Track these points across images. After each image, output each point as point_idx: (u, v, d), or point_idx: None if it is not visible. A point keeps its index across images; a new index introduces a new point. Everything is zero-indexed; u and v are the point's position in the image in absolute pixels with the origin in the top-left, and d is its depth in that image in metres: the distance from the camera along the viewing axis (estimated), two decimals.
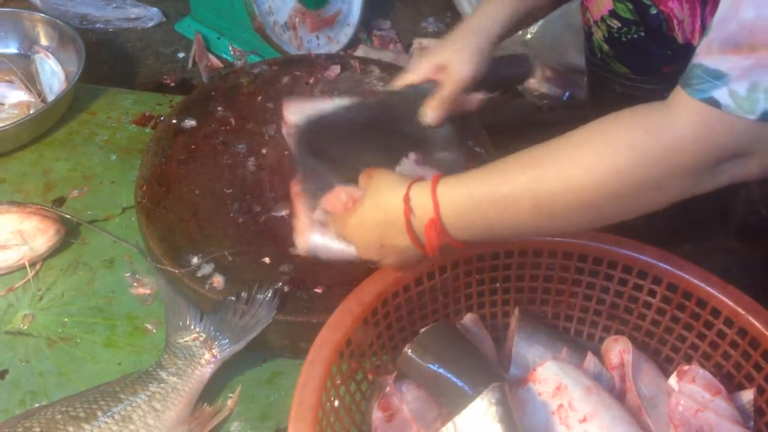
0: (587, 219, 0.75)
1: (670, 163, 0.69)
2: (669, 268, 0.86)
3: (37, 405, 0.94)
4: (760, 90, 0.64)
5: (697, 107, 0.67)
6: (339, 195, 0.93)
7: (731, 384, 0.85)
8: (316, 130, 1.04)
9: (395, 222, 0.82)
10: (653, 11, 0.95)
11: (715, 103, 0.66)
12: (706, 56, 0.67)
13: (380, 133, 1.04)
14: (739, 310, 0.82)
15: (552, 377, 0.82)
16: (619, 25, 1.00)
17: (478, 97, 1.06)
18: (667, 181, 0.70)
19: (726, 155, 0.69)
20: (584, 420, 0.78)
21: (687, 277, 0.85)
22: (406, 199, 0.81)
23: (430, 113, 1.02)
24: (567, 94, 1.51)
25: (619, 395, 0.84)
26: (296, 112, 1.09)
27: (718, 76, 0.66)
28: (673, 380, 0.85)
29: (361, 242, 0.88)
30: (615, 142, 0.71)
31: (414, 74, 1.04)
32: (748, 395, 0.82)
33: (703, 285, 0.84)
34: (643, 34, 0.99)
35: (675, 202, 0.73)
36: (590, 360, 0.86)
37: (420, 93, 1.03)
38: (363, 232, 0.87)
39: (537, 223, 0.76)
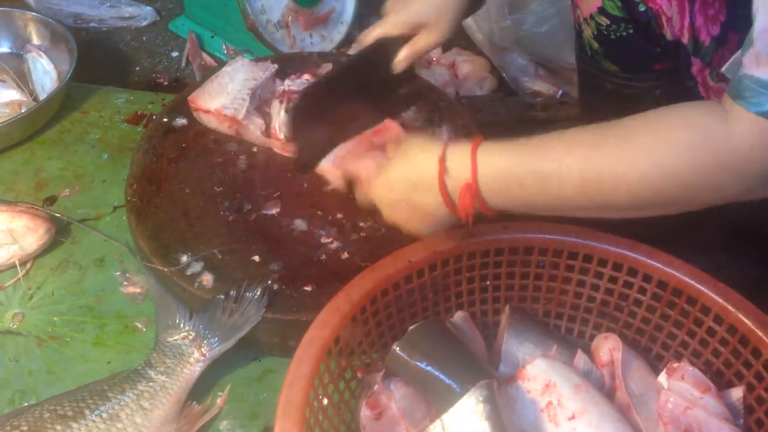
0: (630, 206, 0.75)
1: (724, 171, 0.69)
2: (658, 265, 0.85)
3: (26, 404, 0.93)
4: None
5: (754, 120, 0.66)
6: (367, 162, 0.95)
7: (721, 381, 0.84)
8: (307, 104, 1.06)
9: (426, 181, 0.81)
10: (642, 8, 0.95)
11: None
12: (756, 68, 0.66)
13: (363, 86, 1.09)
14: (729, 307, 0.81)
15: (541, 375, 0.82)
16: (608, 22, 1.00)
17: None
18: (719, 185, 0.70)
19: None
20: (573, 417, 0.78)
21: (676, 274, 0.85)
22: (442, 159, 0.79)
23: (403, 63, 1.07)
24: (561, 92, 1.51)
25: (608, 393, 0.84)
26: (210, 99, 1.18)
27: None
28: (662, 378, 0.85)
29: (387, 202, 0.87)
30: (671, 139, 0.71)
31: (390, 27, 1.05)
32: (737, 393, 0.82)
33: (692, 282, 0.84)
34: (632, 31, 0.99)
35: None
36: (580, 357, 0.86)
37: (394, 43, 1.07)
38: (389, 191, 0.86)
39: (579, 203, 0.76)
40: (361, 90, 1.09)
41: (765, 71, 0.66)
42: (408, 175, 0.84)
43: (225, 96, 1.18)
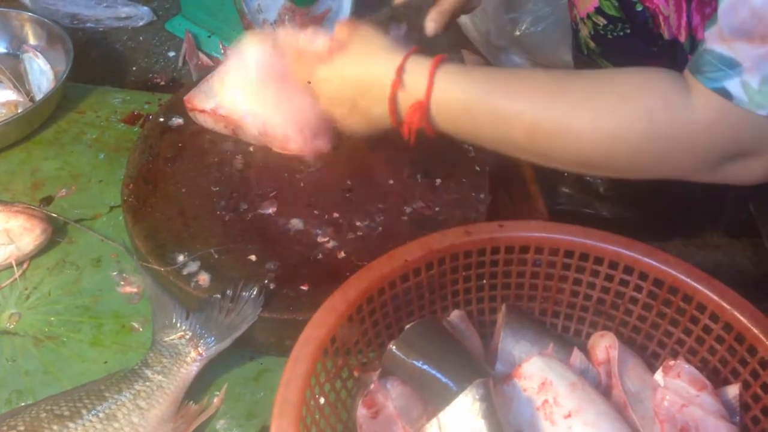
0: (576, 162, 0.75)
1: (678, 145, 0.68)
2: (654, 263, 0.85)
3: (23, 404, 0.93)
4: None
5: (711, 95, 0.65)
6: (314, 39, 0.90)
7: (717, 379, 0.84)
8: None
9: (378, 88, 0.80)
10: (639, 8, 0.95)
11: (727, 95, 0.64)
12: (718, 42, 0.65)
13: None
14: (725, 305, 0.81)
15: (537, 373, 0.82)
16: (605, 22, 1.00)
17: (474, 2, 1.08)
18: (668, 159, 0.70)
19: (735, 150, 0.68)
20: (569, 415, 0.78)
21: (672, 272, 0.84)
22: (400, 71, 0.78)
23: (431, 24, 1.02)
24: None
25: (605, 391, 0.84)
26: (206, 99, 1.16)
27: (731, 65, 0.64)
28: (658, 375, 0.85)
29: (332, 95, 0.86)
30: (632, 103, 0.70)
31: None
32: (733, 390, 0.82)
33: (688, 280, 0.84)
34: (628, 31, 0.99)
35: (666, 193, 0.73)
36: (576, 356, 0.86)
37: (426, 2, 1.04)
38: (338, 86, 0.84)
39: (525, 147, 0.76)
40: None
41: (726, 47, 0.64)
42: (361, 77, 0.82)
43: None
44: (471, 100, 0.76)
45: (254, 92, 1.03)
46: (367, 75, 0.81)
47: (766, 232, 1.17)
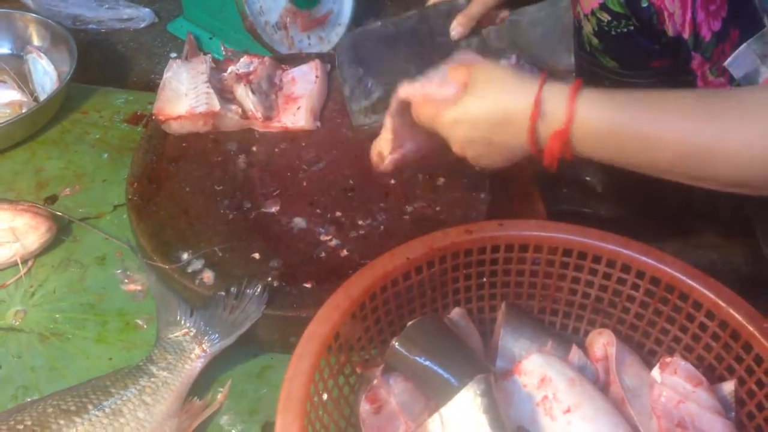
0: (730, 183, 0.74)
1: None
2: (651, 261, 0.87)
3: (28, 399, 0.94)
4: None
5: None
6: (442, 86, 0.86)
7: (713, 375, 0.86)
8: (360, 44, 1.09)
9: (514, 121, 0.78)
10: (644, 4, 0.96)
11: None
12: None
13: (418, 44, 1.08)
14: (720, 302, 0.83)
15: (537, 369, 0.83)
16: (609, 18, 1.01)
17: (502, 14, 1.10)
18: None
19: None
20: (568, 411, 0.79)
21: (669, 270, 0.86)
22: (538, 101, 0.76)
23: (458, 28, 1.05)
24: None
25: (603, 387, 0.86)
26: (175, 106, 1.19)
27: None
28: (655, 372, 0.86)
29: (464, 137, 0.84)
30: None
31: None
32: (729, 386, 0.83)
33: (684, 278, 0.85)
34: (632, 27, 1.00)
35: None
36: (575, 353, 0.87)
37: (454, 8, 1.07)
38: (467, 128, 0.82)
39: (675, 170, 0.75)
40: (416, 52, 1.07)
41: None
42: (493, 114, 0.80)
43: (186, 97, 1.20)
44: (617, 129, 0.75)
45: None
46: (500, 111, 0.80)
47: (762, 232, 1.18)
